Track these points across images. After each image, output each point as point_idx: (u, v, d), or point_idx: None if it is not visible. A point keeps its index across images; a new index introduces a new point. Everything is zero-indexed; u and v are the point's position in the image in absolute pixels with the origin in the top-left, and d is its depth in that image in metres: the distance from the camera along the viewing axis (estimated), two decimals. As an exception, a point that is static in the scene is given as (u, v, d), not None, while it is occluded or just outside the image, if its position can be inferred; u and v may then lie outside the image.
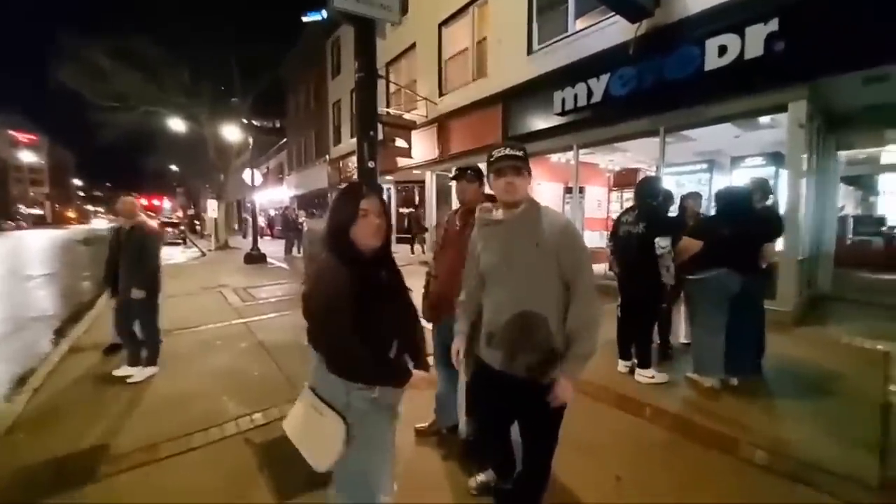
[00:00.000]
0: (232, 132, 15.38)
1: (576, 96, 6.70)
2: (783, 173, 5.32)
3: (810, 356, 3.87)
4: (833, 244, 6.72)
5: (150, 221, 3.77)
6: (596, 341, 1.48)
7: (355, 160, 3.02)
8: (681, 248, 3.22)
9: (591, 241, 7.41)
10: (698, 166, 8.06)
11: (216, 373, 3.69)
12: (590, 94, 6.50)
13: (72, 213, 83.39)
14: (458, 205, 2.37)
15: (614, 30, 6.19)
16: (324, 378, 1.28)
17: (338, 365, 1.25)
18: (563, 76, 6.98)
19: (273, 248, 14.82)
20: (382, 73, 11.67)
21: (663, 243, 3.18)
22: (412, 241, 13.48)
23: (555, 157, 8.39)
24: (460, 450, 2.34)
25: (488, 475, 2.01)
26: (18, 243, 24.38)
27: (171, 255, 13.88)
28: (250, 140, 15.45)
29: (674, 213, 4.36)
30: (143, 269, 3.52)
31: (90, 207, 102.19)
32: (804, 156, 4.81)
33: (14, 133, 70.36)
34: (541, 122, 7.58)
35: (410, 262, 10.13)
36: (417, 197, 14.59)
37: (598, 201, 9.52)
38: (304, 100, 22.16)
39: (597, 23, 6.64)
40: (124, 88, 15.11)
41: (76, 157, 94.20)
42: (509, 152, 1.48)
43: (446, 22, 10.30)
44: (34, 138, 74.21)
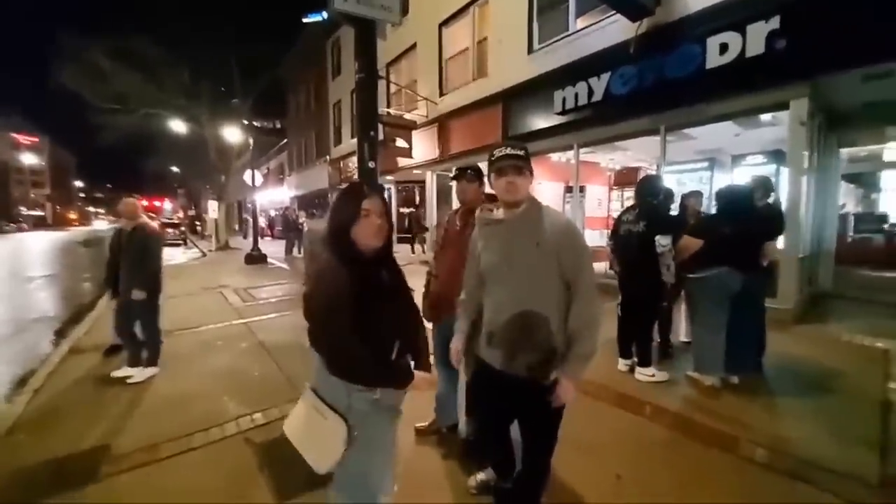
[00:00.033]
0: (232, 133, 15.38)
1: (576, 95, 6.70)
2: (784, 171, 5.31)
3: (811, 354, 3.87)
4: (834, 242, 6.71)
5: (151, 222, 3.78)
6: (597, 341, 1.48)
7: (356, 160, 3.03)
8: (681, 247, 3.22)
9: (591, 239, 7.41)
10: (699, 165, 8.04)
11: (217, 373, 3.70)
12: (590, 93, 6.50)
13: (73, 215, 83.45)
14: (458, 205, 2.37)
15: (615, 28, 6.19)
16: (325, 379, 1.27)
17: (338, 366, 1.25)
18: (563, 75, 6.98)
19: (273, 248, 14.83)
20: (383, 73, 11.67)
21: (664, 241, 3.18)
22: (412, 240, 13.49)
23: (555, 157, 8.38)
24: (460, 449, 2.35)
25: (488, 474, 2.01)
26: (19, 245, 24.41)
27: (171, 256, 13.89)
28: (251, 141, 15.44)
29: (674, 212, 4.36)
30: (144, 270, 3.52)
31: (91, 209, 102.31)
32: (805, 153, 4.81)
33: (16, 135, 70.47)
34: (541, 121, 7.57)
35: (411, 262, 10.13)
36: (418, 197, 14.60)
37: (598, 200, 9.50)
38: (304, 100, 22.16)
39: (597, 22, 6.64)
40: (124, 89, 15.14)
41: (77, 158, 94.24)
42: (510, 152, 1.47)
43: (447, 22, 10.29)
44: (35, 140, 74.31)
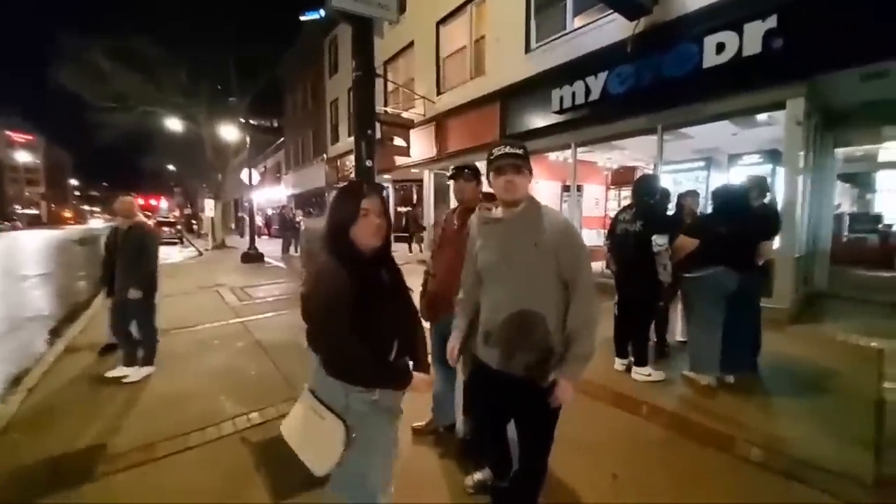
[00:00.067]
0: (229, 132, 15.32)
1: (574, 94, 6.69)
2: (780, 171, 5.32)
3: (806, 354, 3.89)
4: (829, 241, 6.74)
5: (147, 221, 3.75)
6: (595, 341, 1.48)
7: (353, 159, 3.01)
8: (677, 246, 3.23)
9: (588, 239, 7.41)
10: (696, 164, 8.08)
11: (213, 372, 3.69)
12: (588, 92, 6.50)
13: (68, 213, 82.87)
14: (456, 203, 2.37)
15: (612, 27, 6.19)
16: (323, 380, 1.26)
17: (337, 367, 1.24)
18: (561, 74, 6.97)
19: (270, 247, 14.78)
20: (380, 71, 11.64)
21: (660, 241, 3.18)
22: (410, 239, 13.48)
23: (552, 156, 8.38)
24: (457, 448, 2.35)
25: (485, 474, 2.01)
26: (14, 243, 24.23)
27: (167, 255, 13.83)
28: (248, 139, 15.39)
29: (671, 212, 4.37)
30: (140, 268, 3.50)
31: (86, 207, 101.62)
32: (801, 153, 4.83)
33: (10, 133, 69.96)
34: (539, 120, 7.57)
35: (408, 261, 10.11)
36: (415, 196, 14.58)
37: (595, 199, 9.52)
38: (301, 99, 22.09)
39: (595, 20, 6.64)
40: (122, 88, 15.10)
41: (74, 157, 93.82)
42: (510, 150, 1.46)
43: (444, 20, 10.27)
44: (30, 138, 73.75)
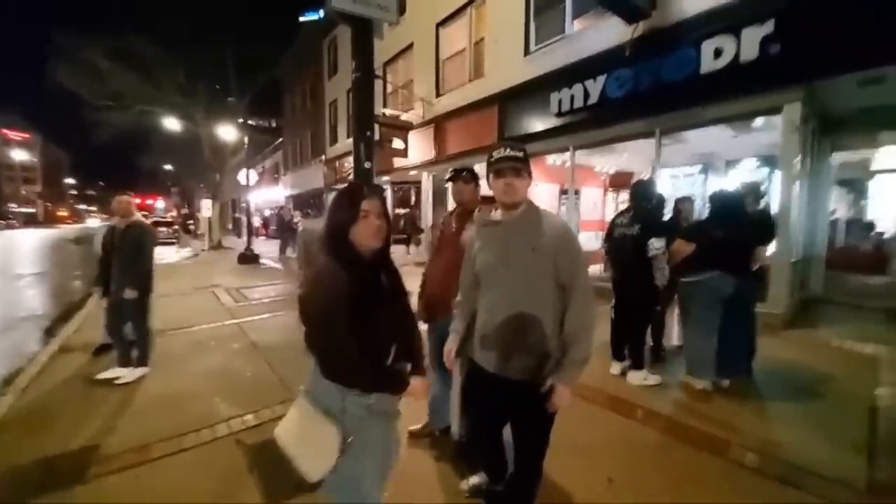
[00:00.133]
0: (228, 132, 15.28)
1: (572, 97, 6.71)
2: (777, 175, 5.35)
3: (801, 359, 3.90)
4: (825, 247, 6.77)
5: (145, 220, 3.74)
6: (592, 345, 1.48)
7: (351, 160, 3.01)
8: (674, 251, 3.25)
9: (586, 242, 7.43)
10: (693, 168, 8.11)
11: (208, 374, 3.67)
12: (586, 95, 6.52)
13: (64, 212, 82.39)
14: (454, 206, 2.37)
15: (611, 31, 6.21)
16: (319, 383, 1.25)
17: (332, 369, 1.23)
18: (559, 77, 7.00)
19: (267, 248, 14.75)
20: (380, 73, 11.66)
21: (657, 244, 3.19)
22: (408, 241, 13.46)
23: (550, 160, 8.40)
24: (453, 452, 2.34)
25: (481, 477, 2.00)
26: (9, 242, 24.04)
27: (163, 255, 13.76)
28: (246, 139, 15.36)
29: (668, 216, 4.38)
30: (136, 268, 3.48)
31: (83, 206, 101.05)
32: (797, 158, 4.85)
33: (7, 131, 69.60)
34: (537, 123, 7.59)
35: (406, 263, 10.11)
36: (413, 198, 14.57)
37: (593, 203, 9.54)
38: (300, 99, 22.06)
39: (594, 24, 6.66)
40: (120, 88, 15.06)
41: (71, 156, 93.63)
42: (509, 153, 1.45)
43: (444, 22, 10.29)
44: (27, 136, 73.40)
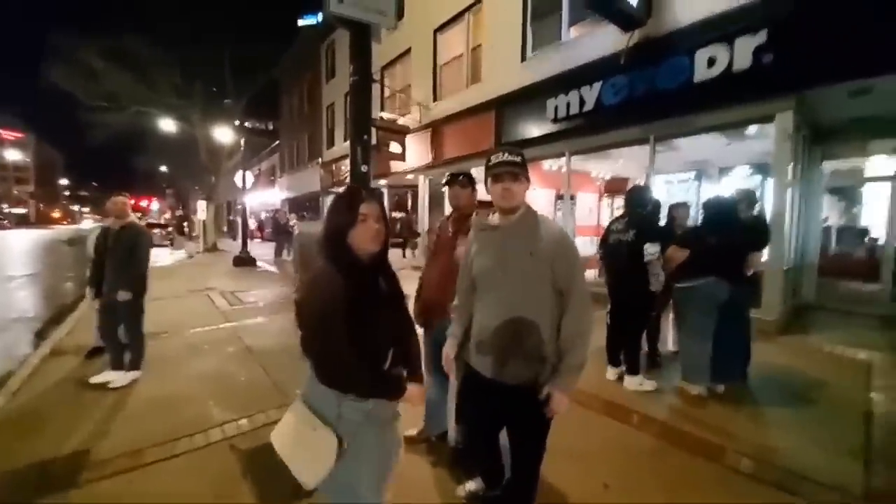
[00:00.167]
0: (224, 134, 15.22)
1: (568, 104, 6.77)
2: (770, 183, 5.41)
3: (795, 364, 3.93)
4: (818, 254, 6.84)
5: (140, 222, 3.71)
6: (588, 350, 1.49)
7: (348, 164, 3.01)
8: (668, 257, 3.27)
9: (581, 247, 7.45)
10: (687, 175, 8.18)
11: (202, 377, 3.63)
12: (582, 101, 6.57)
13: (57, 213, 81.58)
14: (450, 210, 2.38)
15: (607, 39, 6.27)
16: (316, 388, 1.24)
17: (329, 374, 1.22)
18: (556, 83, 7.05)
19: (262, 250, 14.68)
20: (377, 77, 11.69)
21: (652, 249, 3.21)
22: (404, 245, 13.46)
23: (546, 165, 8.45)
24: (449, 457, 2.33)
25: (477, 483, 1.99)
26: (0, 243, 23.80)
27: (157, 258, 13.64)
28: (242, 142, 15.31)
29: (663, 222, 4.41)
30: (131, 270, 3.44)
31: (76, 207, 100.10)
32: (790, 166, 4.91)
33: (0, 130, 69.02)
34: (534, 128, 7.64)
35: (403, 267, 10.10)
36: (410, 202, 14.58)
37: (589, 208, 9.60)
38: (297, 102, 22.05)
39: (590, 31, 6.73)
40: (115, 88, 14.95)
41: (66, 156, 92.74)
42: (507, 158, 1.46)
43: (442, 28, 10.35)
44: (20, 136, 72.73)
